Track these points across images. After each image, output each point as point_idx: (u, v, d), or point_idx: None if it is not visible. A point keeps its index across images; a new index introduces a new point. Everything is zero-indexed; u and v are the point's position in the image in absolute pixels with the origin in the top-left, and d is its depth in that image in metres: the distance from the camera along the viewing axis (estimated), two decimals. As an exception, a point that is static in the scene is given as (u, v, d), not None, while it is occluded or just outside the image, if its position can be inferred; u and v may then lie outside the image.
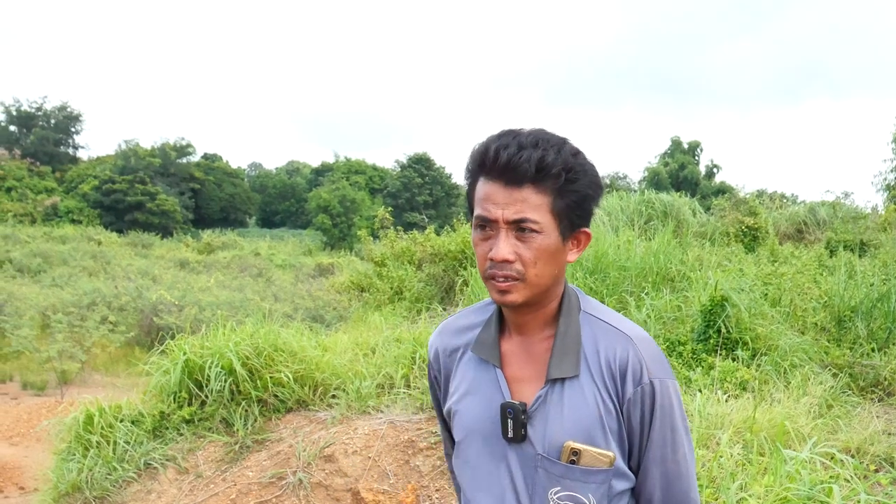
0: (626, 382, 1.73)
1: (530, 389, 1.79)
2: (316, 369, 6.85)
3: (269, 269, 32.18)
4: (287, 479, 5.92)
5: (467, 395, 1.88)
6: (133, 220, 56.68)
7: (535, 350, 1.81)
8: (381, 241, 12.92)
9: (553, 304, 1.80)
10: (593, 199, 1.73)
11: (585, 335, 1.78)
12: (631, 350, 1.74)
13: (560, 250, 1.71)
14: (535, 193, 1.64)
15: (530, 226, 1.65)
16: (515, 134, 1.68)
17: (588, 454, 1.71)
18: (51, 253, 29.79)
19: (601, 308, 1.86)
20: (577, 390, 1.74)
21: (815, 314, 8.11)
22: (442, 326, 2.04)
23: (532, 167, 1.62)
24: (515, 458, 1.78)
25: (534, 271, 1.68)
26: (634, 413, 1.74)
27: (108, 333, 15.73)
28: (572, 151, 1.68)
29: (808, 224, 17.75)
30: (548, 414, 1.75)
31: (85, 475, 6.19)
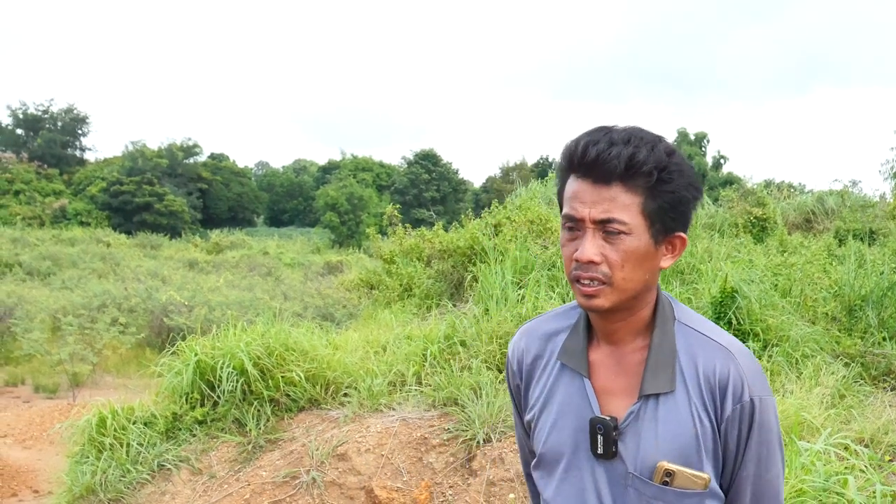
0: (725, 400, 1.63)
1: (621, 403, 1.70)
2: (327, 368, 6.86)
3: (277, 268, 32.22)
4: (300, 478, 5.93)
5: (549, 406, 1.80)
6: (141, 221, 56.80)
7: (627, 361, 1.72)
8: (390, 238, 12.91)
9: (645, 311, 1.70)
10: (690, 202, 1.63)
11: (681, 348, 1.68)
12: (732, 365, 1.64)
13: (651, 254, 1.62)
14: (624, 192, 1.56)
15: (618, 227, 1.57)
16: (608, 130, 1.60)
17: (682, 476, 1.62)
18: (60, 255, 29.86)
19: (697, 318, 1.76)
20: (673, 407, 1.65)
21: (826, 304, 8.09)
22: (524, 329, 1.94)
23: (621, 164, 1.54)
24: (604, 476, 1.69)
25: (621, 275, 1.59)
26: (732, 432, 1.64)
27: (119, 335, 15.75)
28: (667, 150, 1.58)
29: (816, 213, 17.67)
30: (641, 431, 1.66)
31: (99, 478, 6.21)
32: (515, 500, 5.33)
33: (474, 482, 5.60)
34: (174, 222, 58.85)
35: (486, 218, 11.67)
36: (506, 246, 9.76)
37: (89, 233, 43.39)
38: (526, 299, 7.82)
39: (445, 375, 6.50)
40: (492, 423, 5.86)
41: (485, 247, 9.92)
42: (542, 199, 14.72)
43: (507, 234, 10.32)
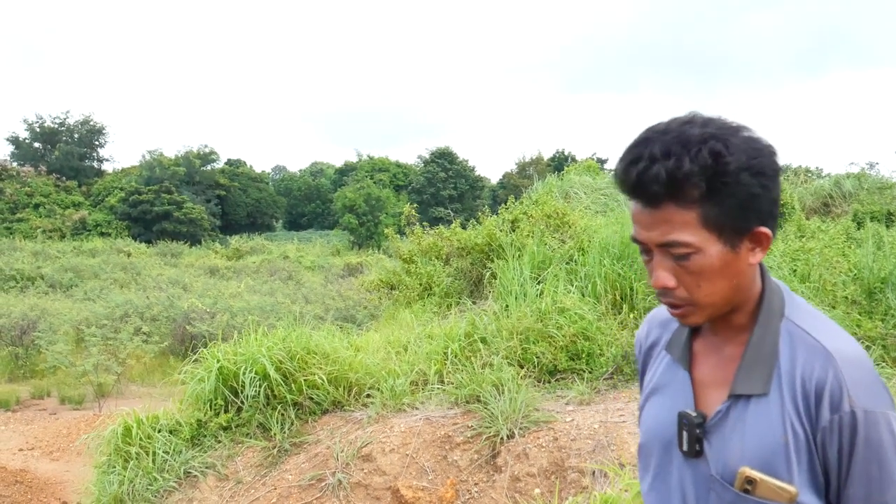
0: (821, 408, 1.48)
1: (716, 399, 1.60)
2: (349, 370, 6.88)
3: (298, 272, 32.32)
4: (326, 480, 5.95)
5: (654, 396, 1.74)
6: (161, 229, 57.04)
7: (726, 354, 1.62)
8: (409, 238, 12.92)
9: (746, 307, 1.58)
10: (759, 196, 1.46)
11: (783, 347, 1.55)
12: (831, 371, 1.49)
13: (730, 261, 1.49)
14: (677, 211, 1.44)
15: (681, 250, 1.46)
16: (650, 141, 1.46)
17: (765, 485, 1.50)
18: (81, 267, 30.04)
19: (809, 315, 1.60)
20: (764, 410, 1.53)
21: (846, 288, 8.03)
22: (649, 316, 1.88)
23: (662, 187, 1.42)
24: (690, 475, 1.61)
25: (701, 294, 1.50)
26: (831, 445, 1.48)
27: (142, 344, 15.82)
28: (713, 151, 1.42)
29: (833, 197, 17.56)
30: (727, 432, 1.56)
31: (126, 487, 6.26)
32: (541, 496, 5.32)
33: (499, 478, 5.60)
34: (194, 230, 59.07)
35: (503, 214, 11.67)
36: (523, 241, 9.75)
37: (109, 243, 43.68)
38: (545, 294, 7.81)
39: (467, 373, 6.50)
40: (515, 419, 5.86)
41: (502, 243, 9.92)
42: (559, 192, 14.71)
43: (525, 229, 10.31)
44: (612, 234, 9.32)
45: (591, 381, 6.69)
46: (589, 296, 8.03)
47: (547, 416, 5.93)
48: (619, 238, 9.05)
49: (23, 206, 55.39)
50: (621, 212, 12.48)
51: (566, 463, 5.46)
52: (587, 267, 8.57)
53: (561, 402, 6.32)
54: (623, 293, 8.22)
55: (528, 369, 6.73)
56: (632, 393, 6.45)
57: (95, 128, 67.90)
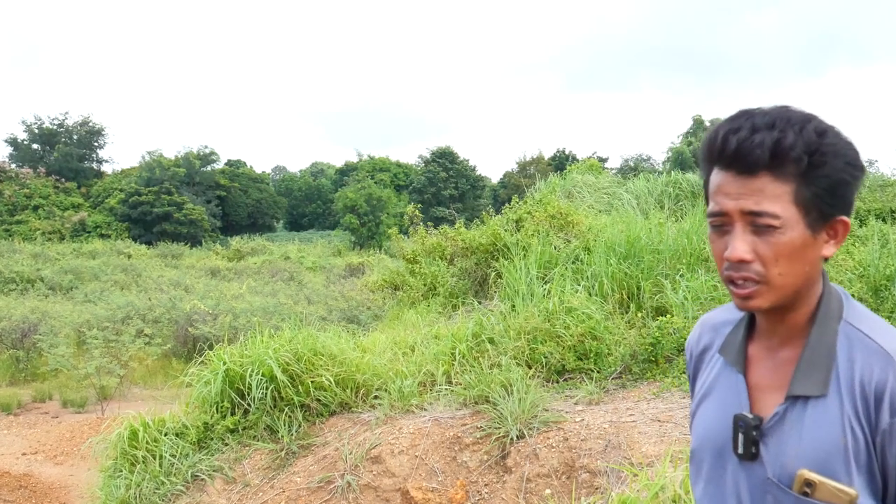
0: (881, 410, 1.46)
1: (772, 402, 1.58)
2: (356, 371, 6.85)
3: (299, 273, 32.32)
4: (335, 482, 5.92)
5: (707, 400, 1.72)
6: (161, 231, 57.05)
7: (783, 358, 1.60)
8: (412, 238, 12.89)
9: (806, 308, 1.57)
10: (849, 185, 1.49)
11: (841, 350, 1.52)
12: (891, 373, 1.46)
13: (809, 245, 1.48)
14: (772, 182, 1.44)
15: (768, 221, 1.44)
16: (750, 115, 1.47)
17: (825, 488, 1.47)
18: (81, 269, 30.00)
19: (868, 318, 1.58)
20: (822, 412, 1.51)
21: (851, 285, 8.01)
22: (702, 319, 1.86)
23: (766, 153, 1.42)
24: (745, 479, 1.58)
25: (776, 271, 1.47)
26: (891, 448, 1.46)
27: (145, 346, 15.79)
28: (818, 130, 1.44)
29: (836, 194, 17.57)
30: (784, 434, 1.53)
31: (133, 491, 6.22)
32: (552, 496, 5.29)
33: (510, 479, 5.56)
34: (194, 231, 59.06)
35: (507, 214, 11.64)
36: (528, 241, 9.72)
37: (110, 245, 43.64)
38: (552, 294, 7.77)
39: (475, 373, 6.47)
40: (524, 420, 5.83)
41: (507, 243, 9.89)
42: (562, 192, 14.68)
43: (529, 229, 10.28)
44: (617, 234, 9.29)
45: (599, 380, 6.65)
46: (596, 295, 8.00)
47: (556, 416, 5.89)
48: (624, 237, 9.03)
49: (22, 208, 55.41)
50: (625, 211, 12.45)
51: (577, 463, 5.42)
52: (593, 266, 8.54)
53: (570, 402, 6.28)
54: (630, 292, 8.19)
55: (536, 369, 6.70)
56: (641, 392, 6.42)
57: (95, 129, 67.86)
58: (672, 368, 6.71)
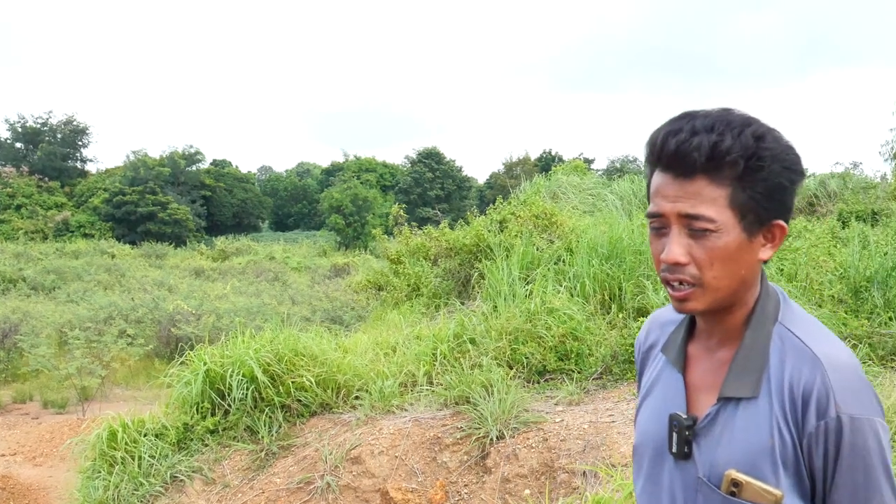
0: (808, 413, 1.48)
1: (708, 401, 1.60)
2: (337, 371, 6.83)
3: (284, 273, 32.25)
4: (315, 483, 5.90)
5: (648, 398, 1.74)
6: (145, 230, 56.87)
7: (718, 358, 1.62)
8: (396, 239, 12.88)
9: (743, 310, 1.58)
10: (787, 189, 1.51)
11: (774, 352, 1.54)
12: (818, 376, 1.48)
13: (745, 248, 1.49)
14: (709, 185, 1.45)
15: (704, 224, 1.45)
16: (692, 117, 1.48)
17: (751, 488, 1.50)
18: (64, 269, 29.87)
19: (802, 321, 1.59)
20: (752, 414, 1.53)
21: (832, 286, 8.06)
22: (652, 316, 1.88)
23: (703, 156, 1.43)
24: (679, 477, 1.60)
25: (711, 274, 1.48)
26: (817, 450, 1.48)
27: (127, 347, 15.70)
28: (756, 134, 1.45)
29: (819, 197, 17.67)
30: (715, 435, 1.56)
31: (112, 492, 6.19)
32: (531, 497, 5.29)
33: (489, 480, 5.56)
34: (178, 231, 58.90)
35: (491, 214, 11.65)
36: (512, 242, 9.73)
37: (93, 245, 43.40)
38: (534, 295, 7.78)
39: (456, 374, 6.47)
40: (504, 420, 5.83)
41: (491, 243, 9.89)
42: (547, 193, 14.70)
43: (513, 229, 10.29)
44: (600, 235, 9.31)
45: (580, 381, 6.66)
46: (578, 296, 8.01)
47: (536, 416, 5.89)
48: (607, 238, 9.04)
49: (4, 208, 55.16)
50: (609, 212, 12.48)
51: (556, 463, 5.43)
52: (576, 267, 8.55)
53: (550, 403, 6.29)
54: (612, 293, 8.20)
55: (517, 370, 6.70)
56: (621, 393, 6.43)
57: (79, 128, 67.59)
58: (653, 369, 6.73)
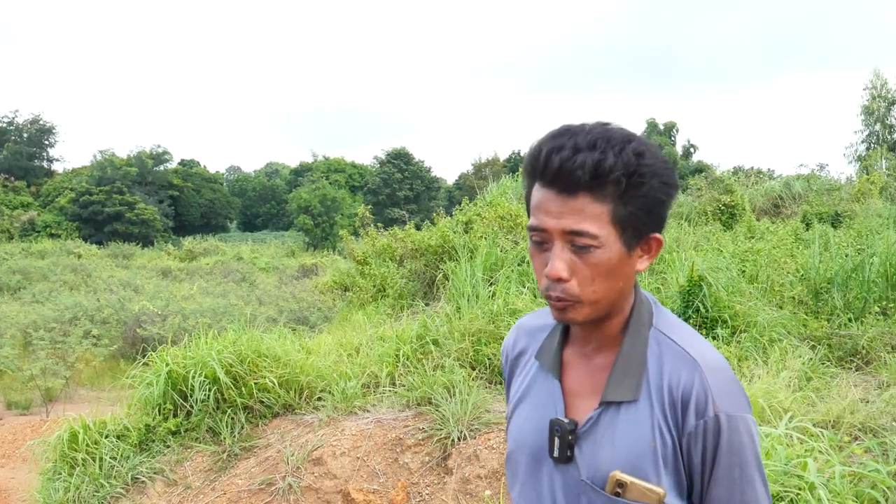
0: (687, 414, 1.54)
1: (587, 406, 1.64)
2: (300, 372, 6.85)
3: (252, 273, 32.12)
4: (277, 484, 5.92)
5: (522, 404, 1.76)
6: (112, 231, 56.43)
7: (597, 364, 1.66)
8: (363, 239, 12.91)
9: (620, 317, 1.62)
10: (664, 203, 1.54)
11: (651, 356, 1.60)
12: (697, 378, 1.55)
13: (624, 262, 1.53)
14: (592, 202, 1.46)
15: (587, 241, 1.47)
16: (573, 133, 1.48)
17: (635, 488, 1.54)
18: (30, 269, 29.59)
19: (676, 326, 1.66)
20: (633, 417, 1.58)
21: (793, 288, 8.18)
22: (518, 323, 1.90)
23: (587, 174, 1.44)
24: (560, 481, 1.63)
25: (591, 289, 1.52)
26: (696, 448, 1.55)
27: (92, 347, 15.61)
28: (636, 151, 1.47)
29: (784, 198, 17.88)
30: (598, 438, 1.60)
31: (72, 494, 6.17)
32: (492, 498, 5.34)
33: (450, 480, 5.61)
34: (146, 231, 58.52)
35: (457, 215, 11.71)
36: (476, 243, 9.79)
37: (59, 245, 43.01)
38: (497, 296, 7.84)
39: (419, 375, 6.51)
40: (466, 421, 5.87)
41: (455, 245, 9.95)
42: (513, 194, 14.77)
43: (478, 230, 10.36)
44: (563, 236, 9.38)
45: (542, 382, 6.72)
46: (541, 298, 8.08)
47: (498, 417, 5.94)
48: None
49: (-30, 208, 54.47)
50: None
51: (516, 464, 5.47)
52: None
53: (511, 404, 6.33)
54: (574, 294, 8.27)
55: (479, 371, 6.75)
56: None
57: (45, 127, 67.01)
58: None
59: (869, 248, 9.38)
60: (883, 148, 31.41)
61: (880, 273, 8.22)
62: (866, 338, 6.77)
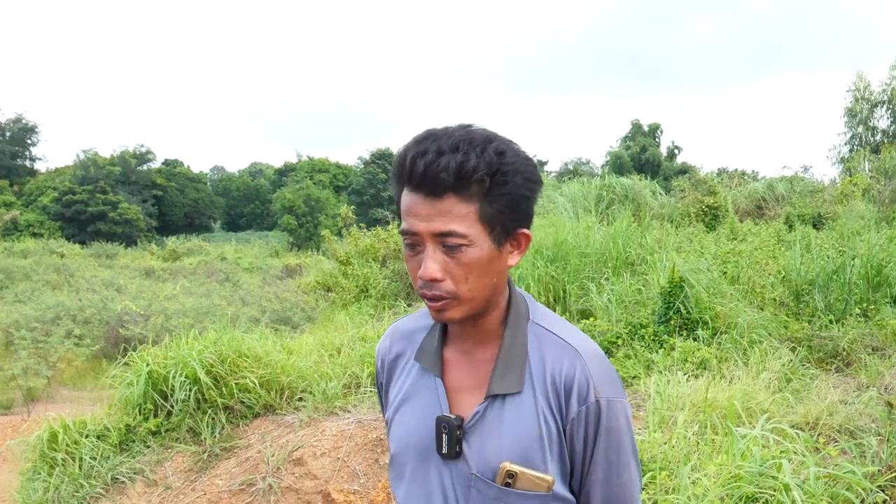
0: (570, 400, 1.61)
1: (471, 401, 1.68)
2: (281, 373, 6.84)
3: (235, 273, 31.96)
4: (257, 485, 5.90)
5: (405, 406, 1.78)
6: (96, 230, 56.17)
7: (479, 360, 1.70)
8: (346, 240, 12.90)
9: (497, 312, 1.67)
10: (528, 199, 1.58)
11: (532, 348, 1.66)
12: (578, 366, 1.62)
13: (496, 258, 1.57)
14: (459, 203, 1.50)
15: (457, 240, 1.51)
16: (436, 137, 1.52)
17: (525, 477, 1.60)
18: (12, 268, 29.37)
19: (551, 318, 1.72)
20: (519, 408, 1.63)
21: (774, 289, 8.21)
22: (390, 329, 1.92)
23: (451, 176, 1.47)
24: (450, 476, 1.66)
25: (466, 287, 1.55)
26: (578, 433, 1.61)
27: (74, 347, 15.51)
28: (497, 150, 1.50)
29: (767, 200, 17.98)
30: (485, 431, 1.64)
31: (51, 494, 6.14)
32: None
33: (430, 481, 5.60)
34: (129, 230, 58.28)
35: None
36: (459, 243, 9.80)
37: (42, 244, 42.69)
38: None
39: (400, 376, 6.50)
40: (447, 422, 5.87)
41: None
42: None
43: (461, 231, 10.35)
44: (545, 237, 9.41)
45: (523, 382, 6.73)
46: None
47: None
48: (552, 240, 9.14)
49: (-49, 207, 54.15)
50: (556, 215, 12.59)
51: (497, 464, 5.48)
52: (521, 269, 8.65)
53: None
54: (556, 295, 8.31)
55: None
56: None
57: (27, 126, 66.66)
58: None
59: (851, 249, 9.43)
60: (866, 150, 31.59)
61: (861, 275, 8.27)
62: (847, 339, 6.81)
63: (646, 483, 3.97)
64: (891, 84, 36.92)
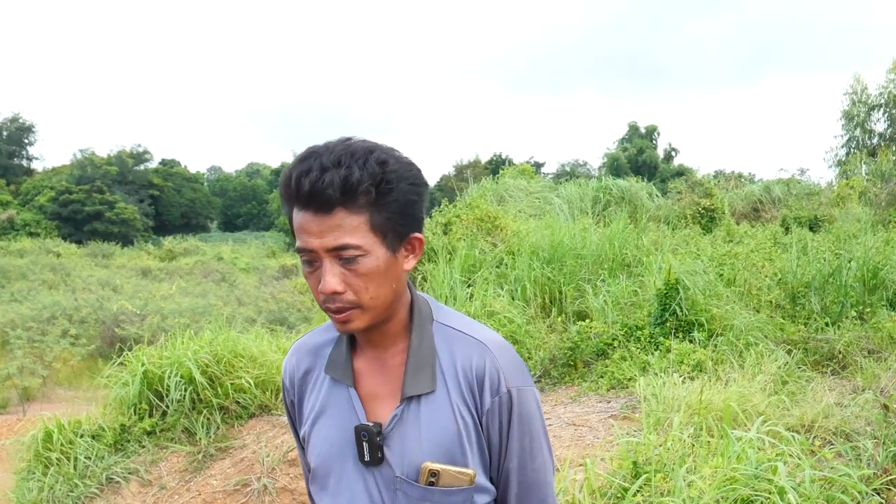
0: (483, 393, 1.66)
1: (387, 407, 1.71)
2: (277, 373, 6.82)
3: (232, 274, 31.94)
4: (252, 485, 5.90)
5: (321, 419, 1.79)
6: (92, 230, 56.11)
7: (389, 364, 1.73)
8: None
9: (401, 315, 1.71)
10: (416, 203, 1.63)
11: (440, 347, 1.70)
12: (487, 358, 1.67)
13: (392, 264, 1.61)
14: (348, 216, 1.54)
15: (352, 252, 1.55)
16: (318, 154, 1.55)
17: (447, 474, 1.65)
18: (8, 268, 29.34)
19: (455, 316, 1.78)
20: (435, 406, 1.67)
21: (770, 292, 8.21)
22: (294, 346, 1.93)
23: (337, 191, 1.51)
24: (375, 482, 1.70)
25: (367, 295, 1.59)
26: (493, 424, 1.68)
27: (70, 347, 15.53)
28: (379, 160, 1.55)
29: (763, 202, 18.00)
30: (405, 434, 1.68)
31: (46, 493, 6.13)
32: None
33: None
34: (126, 230, 58.22)
35: (436, 217, 11.72)
36: (455, 244, 9.80)
37: (38, 243, 42.62)
38: (475, 297, 7.85)
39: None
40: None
41: (434, 246, 9.96)
42: (494, 196, 14.80)
43: (457, 232, 10.36)
44: (542, 238, 9.42)
45: (518, 384, 6.72)
46: (518, 299, 8.11)
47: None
48: (548, 242, 9.14)
49: (-52, 206, 54.08)
50: (553, 216, 12.60)
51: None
52: (517, 270, 8.65)
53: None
54: (552, 297, 8.31)
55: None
56: (559, 396, 6.52)
57: (24, 126, 66.69)
58: (590, 373, 6.83)
59: (847, 252, 9.44)
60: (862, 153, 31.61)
61: (857, 277, 8.27)
62: (843, 342, 6.81)
63: (641, 486, 3.98)
64: (888, 87, 36.91)
